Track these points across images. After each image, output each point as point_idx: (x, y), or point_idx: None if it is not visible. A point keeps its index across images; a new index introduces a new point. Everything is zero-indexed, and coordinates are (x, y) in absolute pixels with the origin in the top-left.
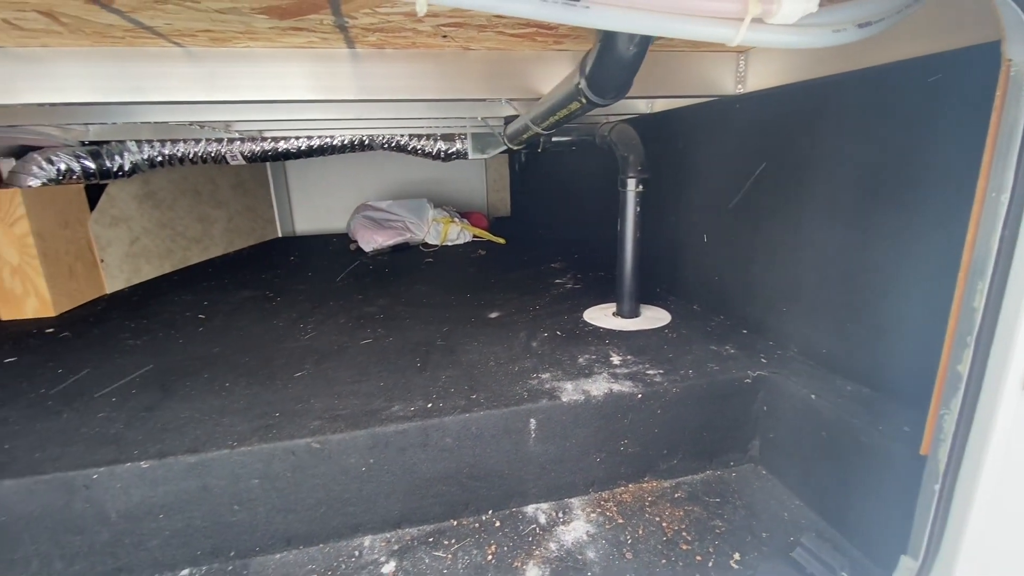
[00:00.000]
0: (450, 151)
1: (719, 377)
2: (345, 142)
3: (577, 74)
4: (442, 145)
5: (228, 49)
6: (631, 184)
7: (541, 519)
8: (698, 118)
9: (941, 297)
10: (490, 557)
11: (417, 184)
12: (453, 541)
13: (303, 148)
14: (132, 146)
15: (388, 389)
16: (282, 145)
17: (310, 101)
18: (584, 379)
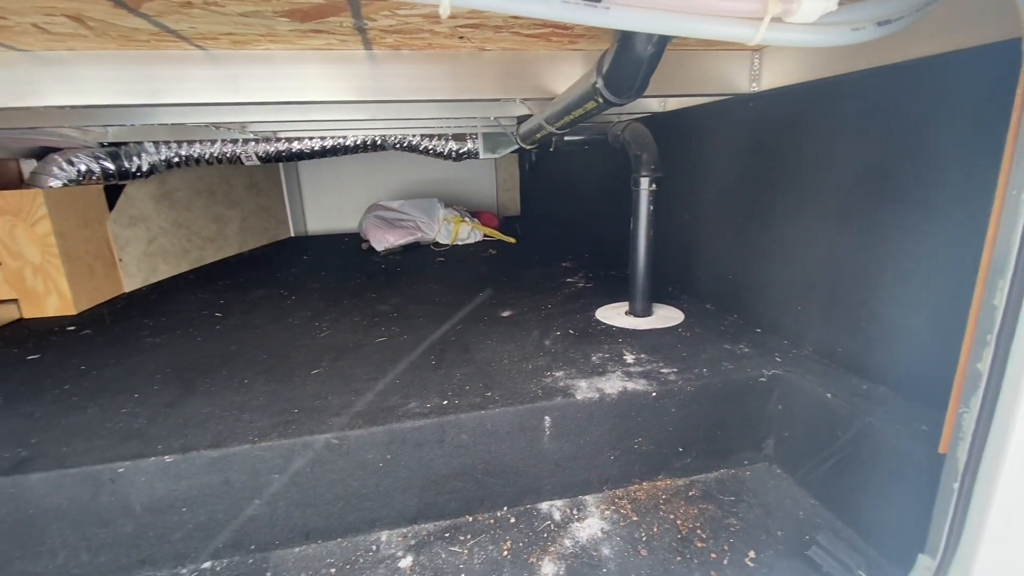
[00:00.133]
0: (461, 151)
1: (733, 376)
2: (358, 142)
3: (594, 74)
4: (453, 145)
5: (248, 52)
6: (644, 183)
7: (556, 516)
8: (711, 117)
9: (959, 295)
10: (506, 553)
11: (427, 184)
12: (469, 537)
13: (316, 148)
14: (149, 147)
15: (404, 386)
16: (296, 146)
17: (327, 102)
18: (598, 377)
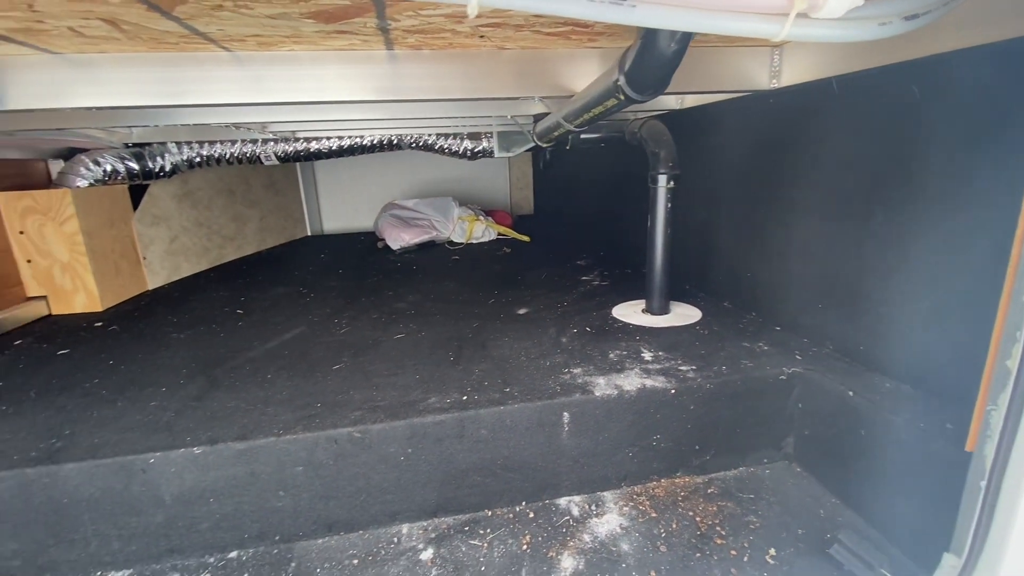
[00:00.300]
0: (476, 150)
1: (753, 374)
2: (374, 142)
3: (616, 71)
4: (468, 144)
5: (272, 53)
6: (662, 180)
7: (574, 511)
8: (730, 113)
9: (986, 292)
10: (525, 547)
11: (442, 183)
12: (488, 530)
13: (334, 148)
14: (172, 147)
15: (423, 382)
16: (314, 145)
17: (347, 102)
18: (616, 374)
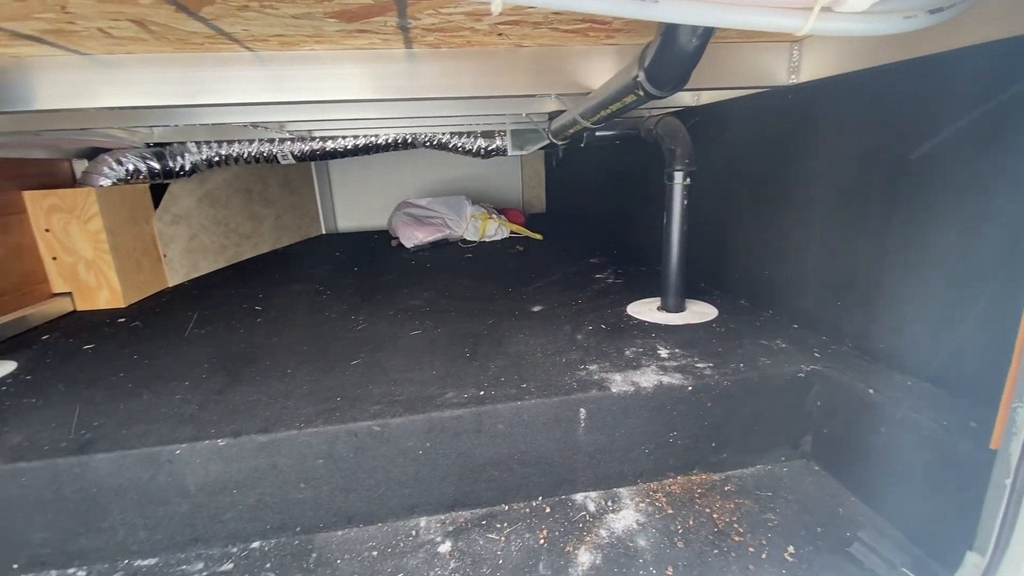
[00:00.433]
0: (490, 148)
1: (771, 371)
2: (389, 141)
3: (635, 67)
4: (482, 142)
5: (294, 52)
6: (678, 177)
7: (591, 507)
8: (747, 109)
9: (1011, 289)
10: (542, 541)
11: (454, 181)
12: (505, 524)
13: (349, 147)
14: (192, 147)
15: (441, 377)
16: (330, 144)
17: (367, 100)
18: (632, 371)
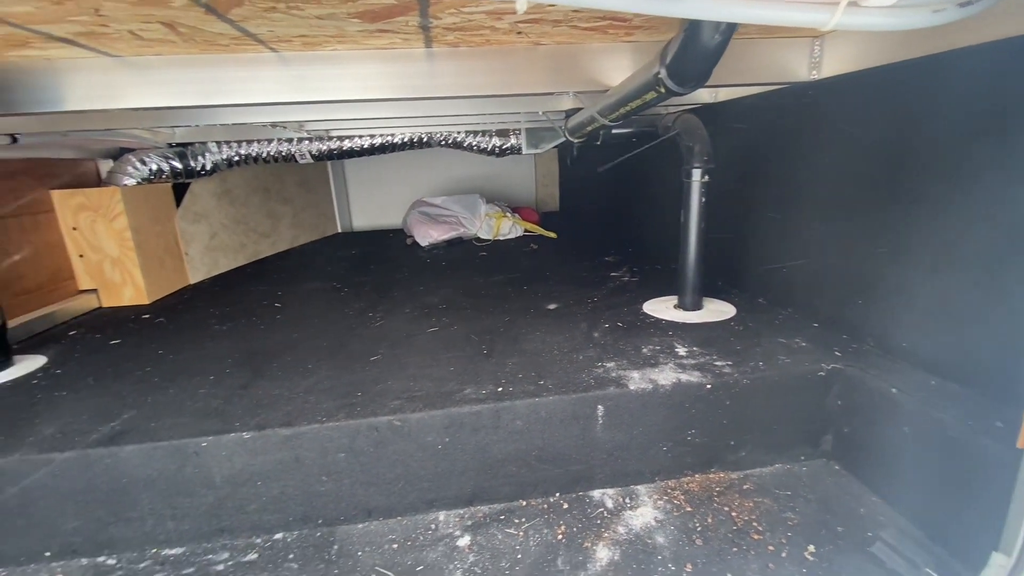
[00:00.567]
0: (504, 146)
1: (791, 370)
2: (405, 140)
3: (656, 63)
4: (497, 141)
5: (316, 53)
6: (696, 174)
7: (608, 503)
8: (766, 106)
9: None
10: (560, 537)
11: (468, 180)
12: (523, 520)
13: (366, 147)
14: (213, 147)
15: (458, 374)
16: (347, 144)
17: (386, 100)
18: (650, 369)
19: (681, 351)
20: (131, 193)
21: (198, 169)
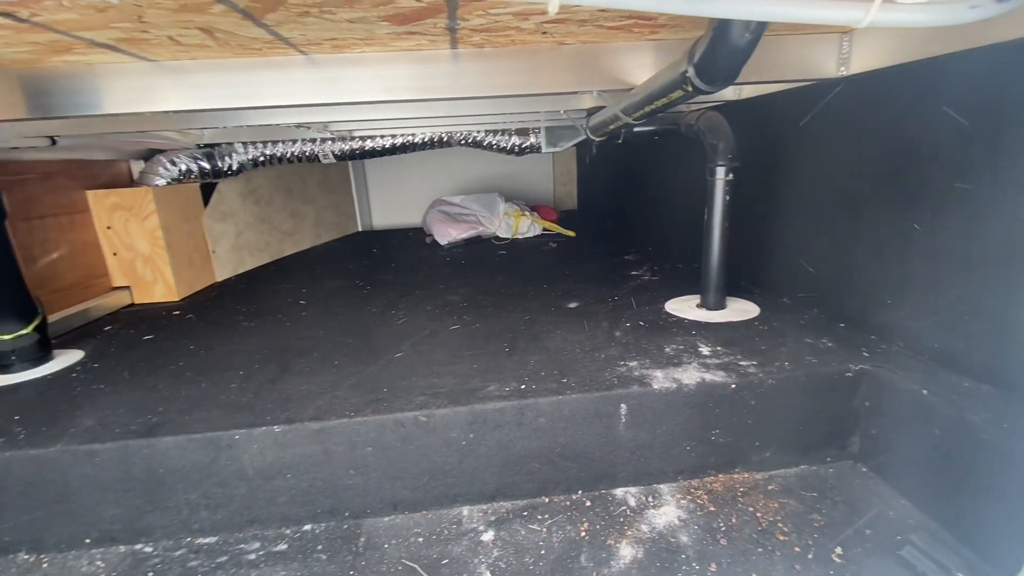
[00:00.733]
0: (524, 145)
1: (818, 370)
2: (426, 139)
3: (684, 62)
4: (516, 140)
5: (344, 55)
6: (720, 173)
7: (631, 502)
8: (792, 103)
9: None
10: (583, 534)
11: (486, 179)
12: (546, 516)
13: (387, 146)
14: (239, 147)
15: (481, 371)
16: (369, 144)
17: (411, 101)
18: (673, 368)
19: (705, 350)
20: (162, 193)
21: (225, 169)
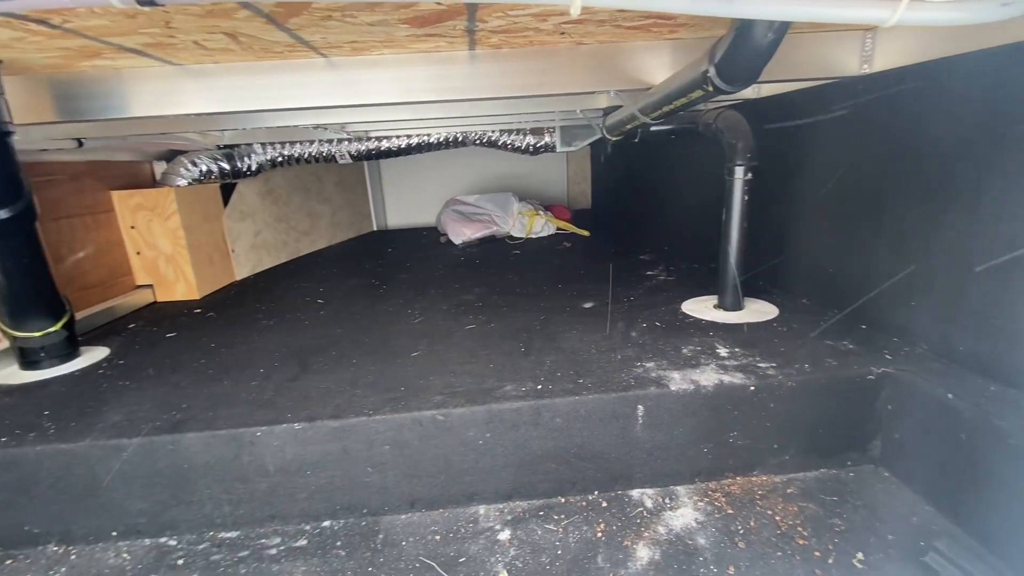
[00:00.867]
0: (538, 145)
1: (839, 373)
2: (441, 139)
3: (705, 61)
4: (531, 139)
5: (363, 57)
6: (739, 172)
7: (647, 503)
8: (811, 101)
9: None
10: (599, 534)
11: (500, 178)
12: (562, 516)
13: (403, 147)
14: (258, 148)
15: (498, 370)
16: (384, 144)
17: (429, 102)
18: (691, 369)
19: (723, 352)
20: (183, 193)
21: (244, 170)
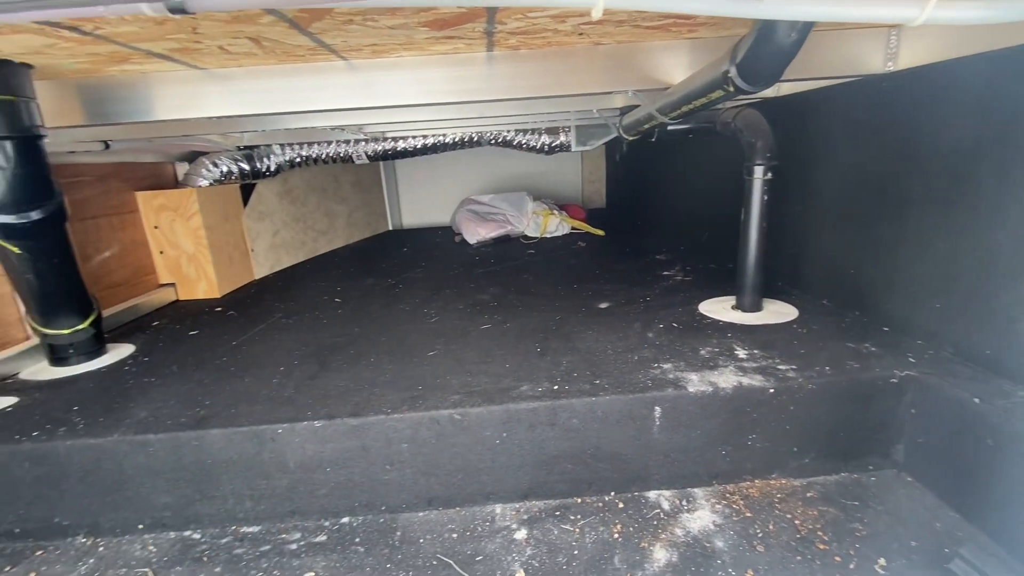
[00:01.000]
0: (554, 144)
1: (860, 376)
2: (456, 140)
3: (726, 61)
4: (546, 139)
5: (383, 60)
6: (758, 171)
7: (664, 505)
8: (833, 100)
9: None
10: (616, 535)
11: (515, 178)
12: (579, 517)
13: (419, 147)
14: (277, 149)
15: (514, 370)
16: (401, 144)
17: (447, 103)
18: (709, 371)
19: (741, 354)
20: (205, 194)
21: (263, 170)
